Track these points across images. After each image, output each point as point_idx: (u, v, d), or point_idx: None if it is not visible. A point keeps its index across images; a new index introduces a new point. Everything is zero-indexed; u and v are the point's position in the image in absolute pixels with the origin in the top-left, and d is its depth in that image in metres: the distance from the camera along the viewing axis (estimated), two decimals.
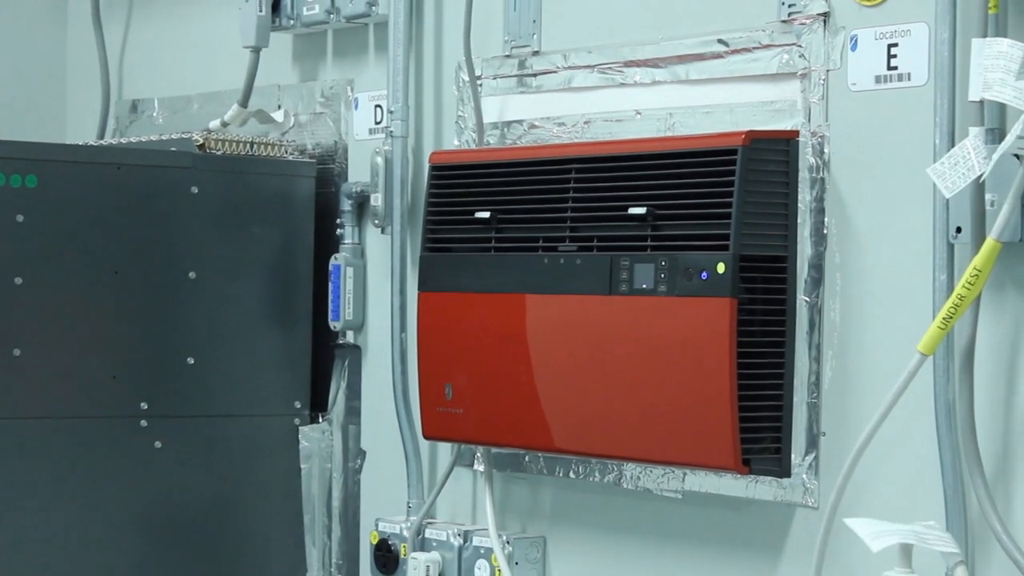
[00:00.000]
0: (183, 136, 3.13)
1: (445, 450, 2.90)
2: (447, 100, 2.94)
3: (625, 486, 2.62)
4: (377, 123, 3.05)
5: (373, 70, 3.08)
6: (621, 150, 2.52)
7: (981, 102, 2.10)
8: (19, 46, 3.75)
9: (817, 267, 2.38)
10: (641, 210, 2.43)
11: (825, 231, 2.38)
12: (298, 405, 3.10)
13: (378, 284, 3.03)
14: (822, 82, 2.38)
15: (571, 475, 2.70)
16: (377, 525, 2.95)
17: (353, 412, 3.10)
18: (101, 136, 3.65)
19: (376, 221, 2.99)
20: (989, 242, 2.07)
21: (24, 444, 2.85)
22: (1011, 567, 2.13)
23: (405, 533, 2.89)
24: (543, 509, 2.78)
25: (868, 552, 2.19)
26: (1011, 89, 2.04)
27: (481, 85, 2.85)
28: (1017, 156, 2.05)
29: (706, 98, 2.53)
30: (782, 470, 2.39)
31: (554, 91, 2.75)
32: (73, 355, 2.90)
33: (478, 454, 2.82)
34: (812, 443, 2.38)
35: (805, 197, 2.39)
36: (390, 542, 2.91)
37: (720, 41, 2.50)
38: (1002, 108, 2.10)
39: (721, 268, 2.33)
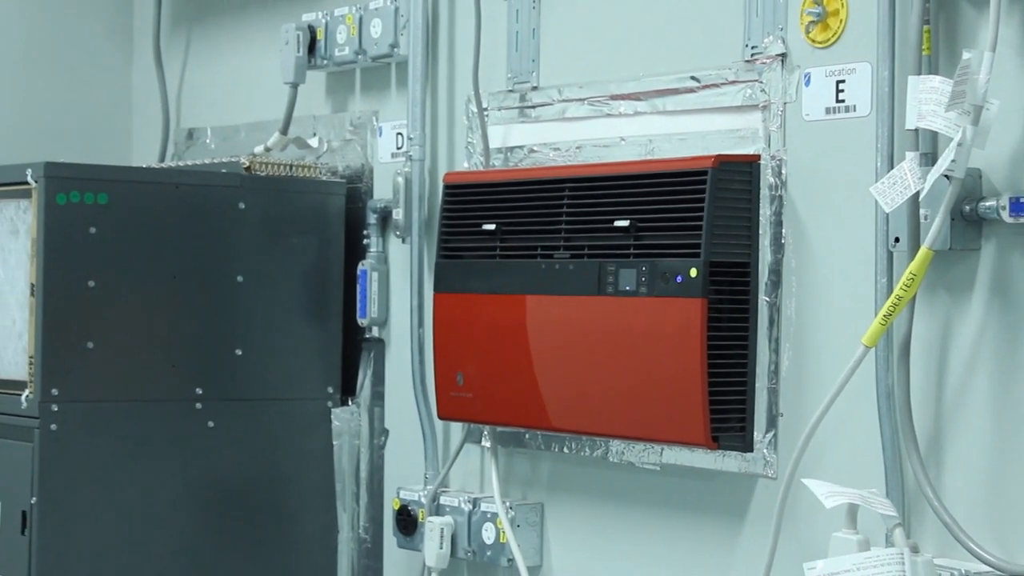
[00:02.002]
0: (232, 160, 3.13)
1: (456, 429, 2.89)
2: (458, 128, 2.93)
3: (611, 460, 2.62)
4: (398, 148, 3.05)
5: (395, 103, 3.08)
6: (608, 171, 2.52)
7: (916, 130, 2.10)
8: (91, 82, 3.75)
9: (776, 272, 2.38)
10: (625, 223, 2.44)
11: (783, 241, 2.38)
12: (330, 390, 3.09)
13: (399, 286, 3.03)
14: (780, 113, 2.38)
15: (565, 450, 2.70)
16: (398, 493, 2.96)
17: (378, 396, 3.10)
18: (162, 159, 3.65)
19: (397, 232, 2.99)
20: (923, 250, 2.07)
21: (96, 424, 2.85)
22: (941, 528, 2.13)
23: (423, 500, 2.89)
24: (541, 479, 2.78)
25: (820, 516, 2.20)
26: (941, 119, 2.04)
27: (487, 115, 2.85)
28: (947, 176, 2.05)
29: (681, 127, 2.53)
30: (746, 445, 2.39)
31: (550, 121, 2.75)
32: (138, 347, 2.90)
33: (485, 432, 2.82)
34: (771, 422, 2.38)
35: (765, 211, 2.38)
36: (409, 508, 2.91)
37: (693, 78, 2.50)
38: (934, 135, 2.10)
39: (693, 272, 2.33)
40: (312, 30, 3.17)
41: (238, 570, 2.99)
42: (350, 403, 3.10)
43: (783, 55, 2.38)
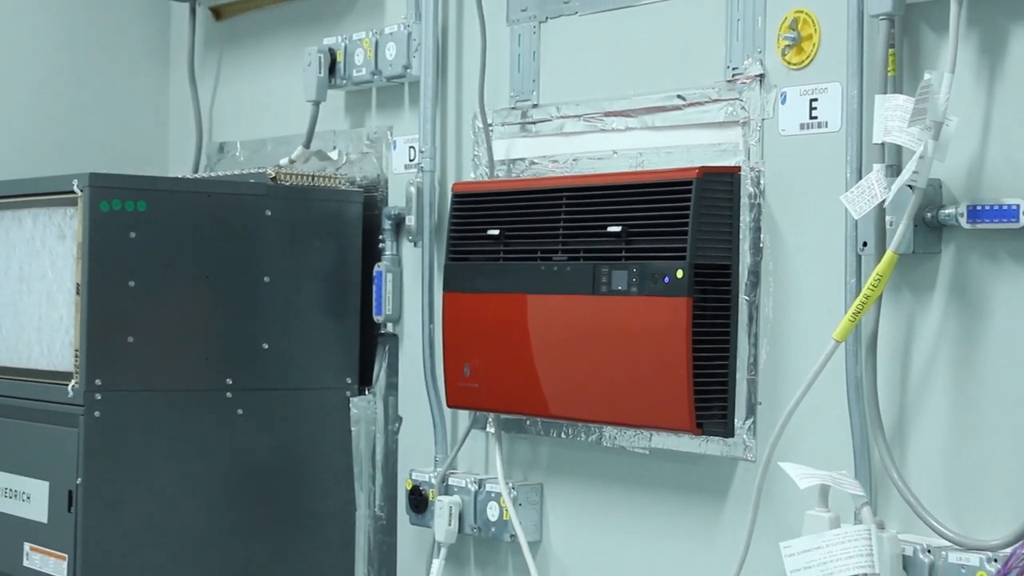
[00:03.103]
0: (259, 171, 3.14)
1: (464, 416, 2.89)
2: (465, 142, 2.94)
3: (605, 444, 2.62)
4: (411, 160, 3.05)
5: (408, 119, 3.08)
6: (601, 181, 2.52)
7: (882, 144, 2.10)
8: (132, 100, 3.76)
9: (755, 273, 2.38)
10: (617, 228, 2.44)
11: (761, 245, 2.38)
12: (349, 380, 3.09)
13: (411, 286, 3.03)
14: (758, 128, 2.38)
15: (562, 435, 2.70)
16: (411, 474, 2.96)
17: (392, 386, 3.10)
18: (195, 170, 3.65)
19: (410, 237, 3.00)
20: (889, 254, 2.07)
21: (135, 411, 2.85)
22: (905, 507, 2.13)
23: (433, 481, 2.89)
24: (541, 462, 2.78)
25: (794, 496, 2.20)
26: (905, 134, 2.04)
27: (492, 130, 2.85)
28: (910, 186, 2.05)
29: (668, 141, 2.53)
30: (727, 431, 2.39)
31: (549, 135, 2.75)
32: (174, 341, 2.90)
33: (490, 419, 2.82)
34: (751, 410, 2.38)
35: (745, 218, 2.39)
36: (421, 488, 2.92)
37: (679, 96, 2.51)
38: (899, 149, 2.10)
39: (680, 274, 2.33)
40: (332, 53, 3.18)
41: (265, 544, 2.99)
42: (367, 393, 3.10)
43: (761, 76, 2.38)
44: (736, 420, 2.39)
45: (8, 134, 3.54)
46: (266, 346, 2.99)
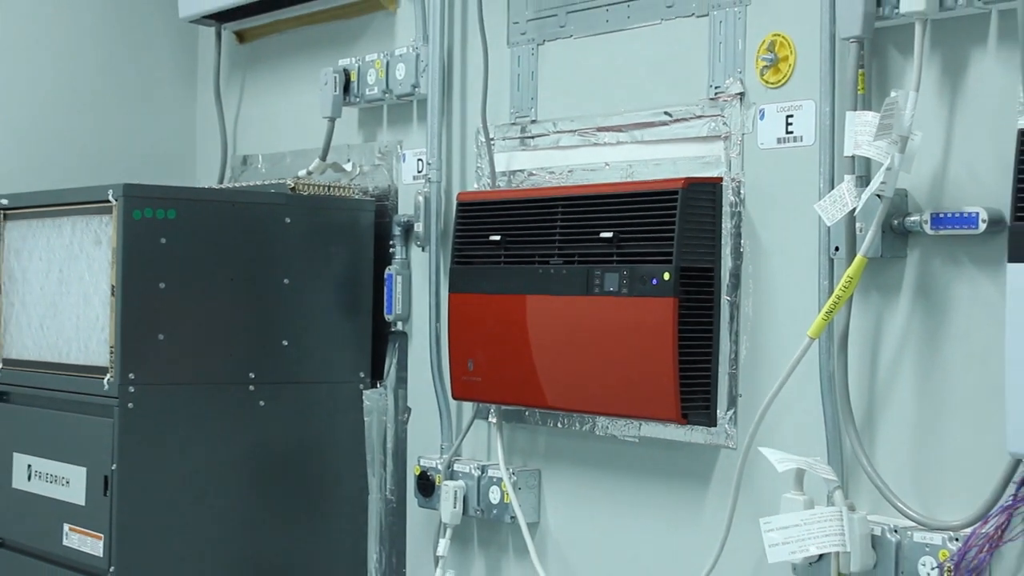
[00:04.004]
0: (279, 181, 3.14)
1: (468, 407, 2.90)
2: (469, 155, 2.94)
3: (597, 433, 2.62)
4: (419, 172, 3.05)
5: (416, 134, 3.08)
6: (594, 191, 2.52)
7: (853, 157, 2.11)
8: (162, 116, 3.76)
9: (736, 275, 2.38)
10: (609, 234, 2.44)
11: (741, 249, 2.38)
12: (362, 374, 3.10)
13: (419, 288, 3.03)
14: (739, 142, 2.39)
15: (559, 425, 2.70)
16: (419, 461, 2.96)
17: (402, 380, 3.10)
18: (221, 181, 3.65)
19: (418, 242, 2.99)
20: (859, 258, 2.08)
21: (165, 403, 2.85)
22: (873, 490, 2.14)
23: (439, 467, 2.89)
24: (539, 450, 2.78)
25: (772, 480, 2.21)
26: (874, 148, 2.05)
27: (494, 144, 2.85)
28: (878, 196, 2.05)
29: (656, 154, 2.53)
30: (710, 421, 2.39)
31: (546, 149, 2.75)
32: (201, 339, 2.90)
33: (492, 410, 2.82)
34: (732, 402, 2.38)
35: (726, 225, 2.39)
36: (428, 473, 2.92)
37: (666, 113, 2.51)
38: (868, 161, 2.11)
39: (667, 276, 2.34)
40: (347, 73, 3.18)
41: (284, 525, 3.00)
42: (378, 386, 3.10)
43: (741, 94, 2.38)
44: (718, 411, 2.39)
45: (50, 148, 3.55)
46: (285, 343, 2.99)
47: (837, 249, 2.17)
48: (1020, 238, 1.86)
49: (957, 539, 2.02)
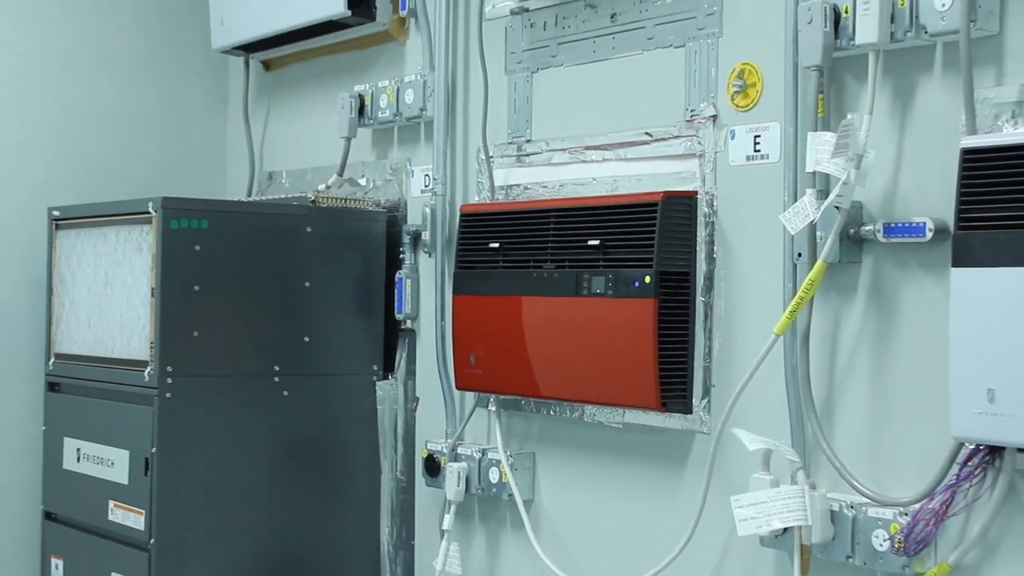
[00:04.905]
0: (301, 195, 3.13)
1: (470, 397, 2.89)
2: (471, 171, 2.94)
3: (586, 420, 2.62)
4: (426, 186, 3.05)
5: (423, 152, 3.08)
6: (583, 204, 2.52)
7: (814, 173, 2.11)
8: (196, 136, 3.76)
9: (709, 278, 2.38)
10: (596, 242, 2.44)
11: (714, 255, 2.38)
12: (375, 368, 3.09)
13: (427, 290, 3.03)
14: (712, 160, 2.39)
15: (551, 413, 2.70)
16: (426, 445, 2.96)
17: (411, 372, 3.10)
18: (249, 194, 3.65)
19: (425, 249, 3.00)
20: (819, 263, 2.08)
21: (200, 393, 2.85)
22: (832, 471, 2.14)
23: (444, 450, 2.89)
24: (533, 434, 2.78)
25: (742, 462, 2.21)
26: (832, 164, 2.05)
27: (493, 161, 2.85)
28: (836, 207, 2.06)
29: (638, 170, 2.53)
30: (687, 409, 2.39)
31: (540, 166, 2.75)
32: (231, 335, 2.89)
33: (491, 399, 2.82)
34: (706, 392, 2.39)
35: (701, 233, 2.39)
36: (435, 455, 2.92)
37: (647, 133, 2.51)
38: (827, 177, 2.10)
39: (647, 279, 2.34)
40: (361, 98, 3.18)
41: (305, 503, 2.99)
42: (390, 377, 3.10)
43: (714, 116, 2.38)
44: (694, 400, 2.39)
45: (97, 165, 3.55)
46: (307, 339, 2.99)
47: (800, 255, 2.17)
48: (963, 245, 1.87)
49: (906, 514, 2.02)
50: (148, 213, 2.84)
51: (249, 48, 3.57)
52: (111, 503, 2.95)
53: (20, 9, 3.44)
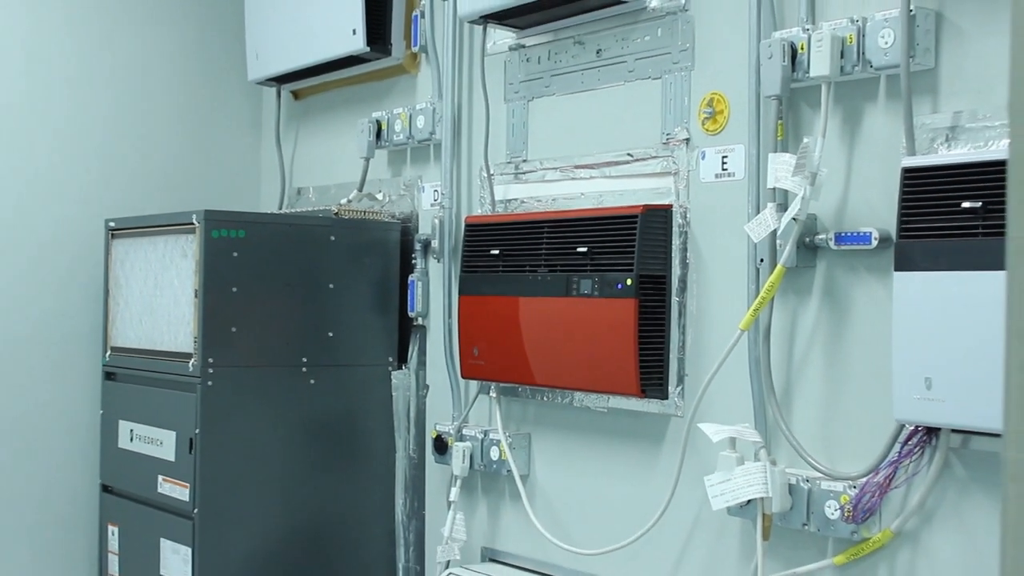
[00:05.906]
0: (326, 208, 3.14)
1: (474, 385, 2.89)
2: (475, 187, 2.94)
3: (575, 405, 2.62)
4: (435, 200, 3.05)
5: (433, 170, 3.09)
6: (573, 215, 2.52)
7: (774, 188, 2.12)
8: (233, 156, 3.76)
9: (683, 281, 2.39)
10: (584, 249, 2.44)
11: (687, 261, 2.38)
12: (391, 359, 3.09)
13: (436, 291, 3.03)
14: (685, 177, 2.39)
15: (545, 399, 2.71)
16: (435, 426, 2.96)
17: (422, 363, 3.10)
18: (280, 208, 3.64)
19: (435, 255, 3.00)
20: (779, 267, 2.09)
21: (237, 382, 2.85)
22: (790, 449, 2.14)
23: (451, 431, 2.89)
24: (529, 418, 2.78)
25: (711, 444, 2.21)
26: (791, 182, 2.06)
27: (494, 178, 2.85)
28: (794, 219, 2.06)
29: (621, 186, 2.54)
30: (663, 395, 2.40)
31: (535, 182, 2.75)
32: (264, 331, 2.89)
33: (492, 387, 2.82)
34: (680, 380, 2.39)
35: (676, 242, 2.39)
36: (443, 436, 2.92)
37: (628, 154, 2.51)
38: (786, 192, 2.11)
39: (629, 282, 2.34)
40: (379, 123, 3.18)
41: (329, 478, 2.99)
42: (403, 368, 3.10)
43: (687, 139, 2.39)
44: (669, 387, 2.39)
45: (148, 182, 3.55)
46: (331, 334, 2.99)
47: (762, 260, 2.17)
48: (904, 252, 1.88)
49: (855, 487, 2.03)
50: (192, 224, 2.84)
51: (280, 79, 3.58)
52: (160, 477, 2.96)
53: (89, 47, 3.44)
